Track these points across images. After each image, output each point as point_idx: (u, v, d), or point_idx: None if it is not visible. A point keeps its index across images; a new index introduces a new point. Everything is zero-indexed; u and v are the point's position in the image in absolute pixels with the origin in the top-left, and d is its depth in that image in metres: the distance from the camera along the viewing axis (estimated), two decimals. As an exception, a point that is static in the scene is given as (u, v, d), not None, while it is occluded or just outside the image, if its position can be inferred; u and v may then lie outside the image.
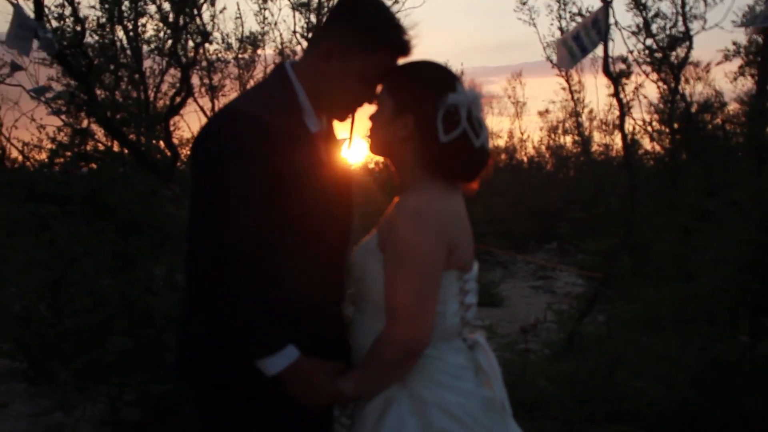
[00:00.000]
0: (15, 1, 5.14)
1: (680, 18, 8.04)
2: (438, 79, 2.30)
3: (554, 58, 13.67)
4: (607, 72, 5.28)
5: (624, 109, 5.75)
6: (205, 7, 7.14)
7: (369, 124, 2.40)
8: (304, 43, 8.34)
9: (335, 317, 2.46)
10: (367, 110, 2.42)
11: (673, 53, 7.91)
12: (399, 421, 2.24)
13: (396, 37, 2.30)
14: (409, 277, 2.18)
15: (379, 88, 2.35)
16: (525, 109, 24.67)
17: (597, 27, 4.64)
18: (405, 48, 2.32)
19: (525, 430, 2.53)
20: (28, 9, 5.15)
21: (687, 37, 8.06)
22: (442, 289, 2.26)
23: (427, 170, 2.29)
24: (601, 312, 6.16)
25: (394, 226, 2.23)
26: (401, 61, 2.34)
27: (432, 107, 2.24)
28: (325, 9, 8.19)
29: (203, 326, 2.30)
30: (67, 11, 6.07)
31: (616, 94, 5.41)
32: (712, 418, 3.71)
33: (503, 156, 23.61)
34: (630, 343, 4.24)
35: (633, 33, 8.45)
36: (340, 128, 2.61)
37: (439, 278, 2.23)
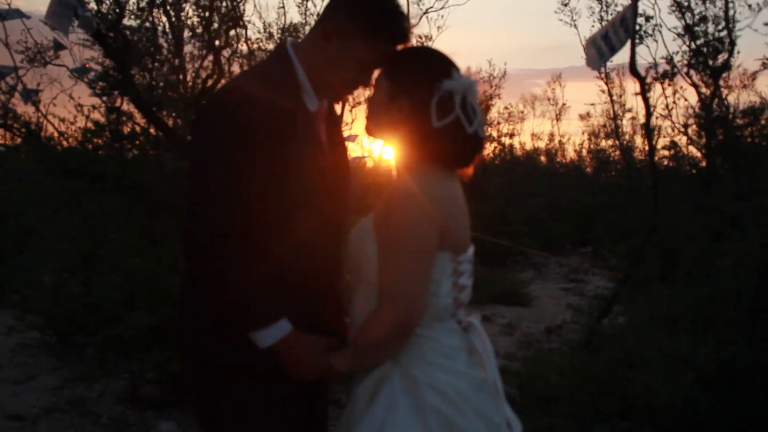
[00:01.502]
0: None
1: (723, 22, 7.94)
2: (434, 64, 2.34)
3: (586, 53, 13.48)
4: (633, 71, 5.24)
5: (650, 109, 5.69)
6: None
7: (366, 107, 2.45)
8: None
9: (331, 295, 2.48)
10: (363, 93, 2.46)
11: (713, 57, 7.79)
12: (391, 399, 2.27)
13: (395, 25, 2.33)
14: (400, 257, 2.21)
15: (378, 71, 2.39)
16: (567, 112, 24.44)
17: (625, 25, 4.61)
18: (404, 35, 2.35)
19: (536, 424, 2.54)
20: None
21: (730, 42, 7.95)
22: (435, 270, 2.29)
23: (422, 154, 2.32)
24: (623, 313, 6.12)
25: (388, 206, 2.26)
26: (400, 48, 2.37)
27: (426, 92, 2.28)
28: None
29: (199, 299, 2.34)
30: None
31: (642, 93, 5.36)
32: (721, 419, 3.67)
33: (543, 158, 23.48)
34: (644, 341, 4.21)
35: (678, 35, 8.35)
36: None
37: (430, 259, 2.26)
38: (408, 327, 2.24)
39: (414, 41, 2.42)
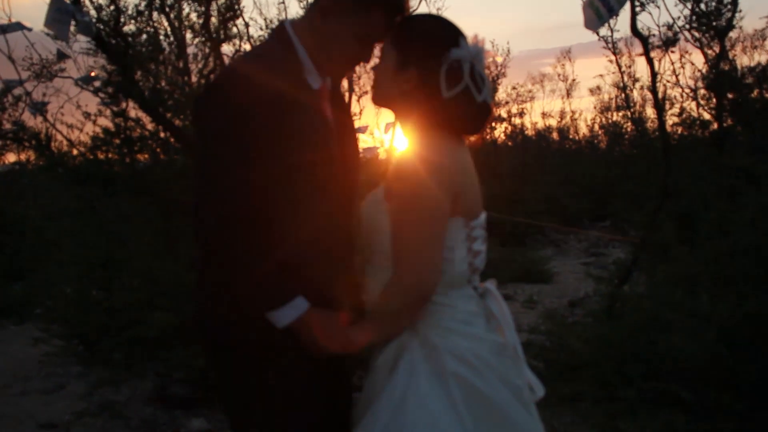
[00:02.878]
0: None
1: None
2: (442, 34, 2.32)
3: (601, 31, 13.35)
4: (634, 31, 5.20)
5: (654, 69, 5.64)
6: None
7: (373, 75, 2.44)
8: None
9: (346, 270, 2.48)
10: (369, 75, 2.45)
11: (716, 18, 7.72)
12: (411, 368, 2.27)
13: None
14: (413, 223, 2.21)
15: (384, 41, 2.38)
16: (577, 89, 24.29)
17: (623, -15, 4.58)
18: (400, 6, 2.33)
19: (563, 392, 2.53)
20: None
21: (732, 2, 7.88)
22: (449, 236, 2.29)
23: (430, 123, 2.31)
24: (643, 278, 6.08)
25: (398, 174, 2.26)
26: (399, 19, 2.35)
27: (435, 62, 2.27)
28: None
29: (213, 286, 2.35)
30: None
31: (645, 54, 5.31)
32: (746, 374, 3.65)
33: (555, 135, 23.34)
34: (665, 303, 4.19)
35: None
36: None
37: (443, 224, 2.26)
38: (424, 293, 2.24)
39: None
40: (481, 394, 2.25)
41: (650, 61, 5.50)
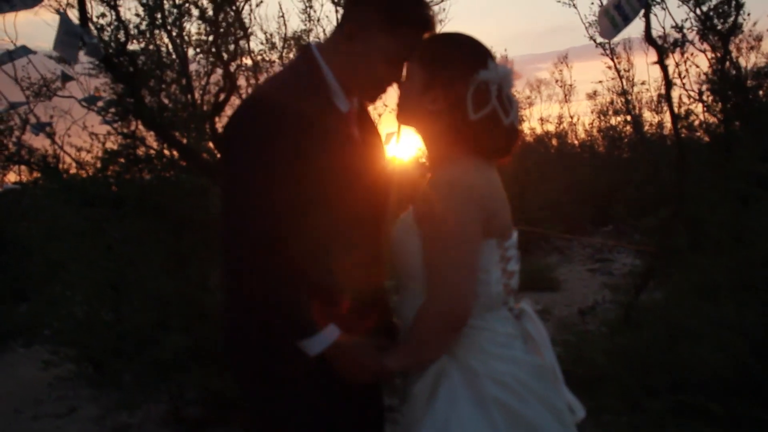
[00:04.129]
0: (61, 9, 5.27)
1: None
2: (470, 54, 2.28)
3: (598, 38, 13.39)
4: (649, 39, 5.18)
5: (669, 77, 5.62)
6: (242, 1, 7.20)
7: (398, 94, 2.40)
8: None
9: (376, 295, 2.45)
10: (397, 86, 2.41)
11: (723, 21, 7.70)
12: (451, 394, 2.23)
13: (417, 13, 2.28)
14: (447, 247, 2.17)
15: (410, 60, 2.34)
16: (574, 93, 24.30)
17: (638, -7, 4.55)
18: (427, 23, 2.30)
19: (586, 406, 2.50)
20: (73, 16, 5.28)
21: (737, 4, 7.86)
22: (483, 258, 2.25)
23: (458, 145, 2.28)
24: (658, 288, 6.05)
25: (429, 198, 2.22)
26: (426, 36, 2.32)
27: (463, 84, 2.23)
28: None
29: (244, 313, 2.32)
30: (109, 19, 6.18)
31: (660, 62, 5.30)
32: (775, 384, 3.62)
33: (554, 141, 23.34)
34: (687, 312, 4.15)
35: (683, 1, 8.25)
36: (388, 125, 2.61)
37: (477, 247, 2.22)
38: (460, 319, 2.20)
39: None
40: (522, 419, 2.21)
41: (665, 69, 5.47)
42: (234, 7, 6.43)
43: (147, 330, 5.46)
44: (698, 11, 7.76)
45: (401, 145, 6.69)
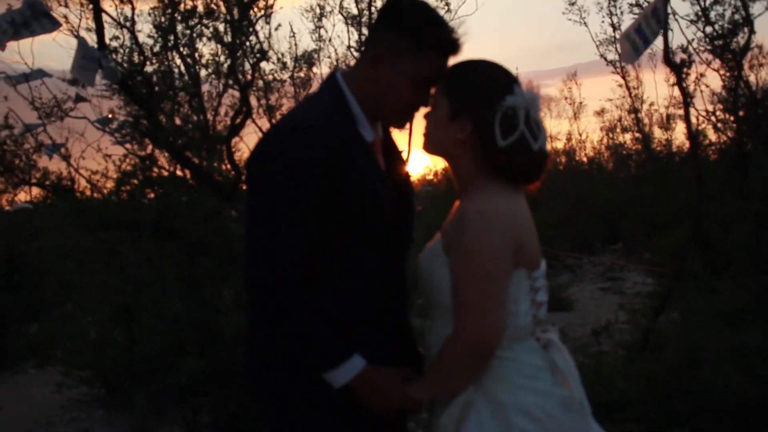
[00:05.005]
0: (78, 34, 5.30)
1: (740, 2, 7.83)
2: (496, 80, 2.27)
3: (608, 55, 13.42)
4: (668, 61, 5.17)
5: (687, 99, 5.59)
6: (260, 24, 7.23)
7: (424, 122, 2.38)
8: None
9: (400, 324, 2.44)
10: (423, 112, 2.40)
11: (735, 40, 7.68)
12: (478, 426, 2.20)
13: (442, 37, 2.27)
14: (476, 278, 2.15)
15: (435, 88, 2.33)
16: (582, 110, 24.30)
17: (656, 16, 4.55)
18: (453, 46, 2.29)
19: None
20: (91, 40, 5.30)
21: (748, 21, 7.85)
22: (512, 288, 2.23)
23: (486, 172, 2.26)
24: (675, 309, 6.00)
25: (459, 228, 2.19)
26: (452, 59, 2.31)
27: (490, 110, 2.21)
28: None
29: (268, 342, 2.30)
30: (127, 41, 6.23)
31: (678, 84, 5.29)
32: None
33: (563, 158, 23.33)
34: (709, 337, 4.10)
35: (691, 21, 8.25)
36: (398, 137, 2.60)
37: (506, 278, 2.20)
38: (488, 350, 2.18)
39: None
40: (550, 451, 2.18)
41: (683, 90, 5.46)
42: (252, 30, 6.44)
43: (161, 353, 5.44)
44: (707, 30, 7.74)
45: (411, 161, 6.68)
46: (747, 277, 4.89)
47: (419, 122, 2.41)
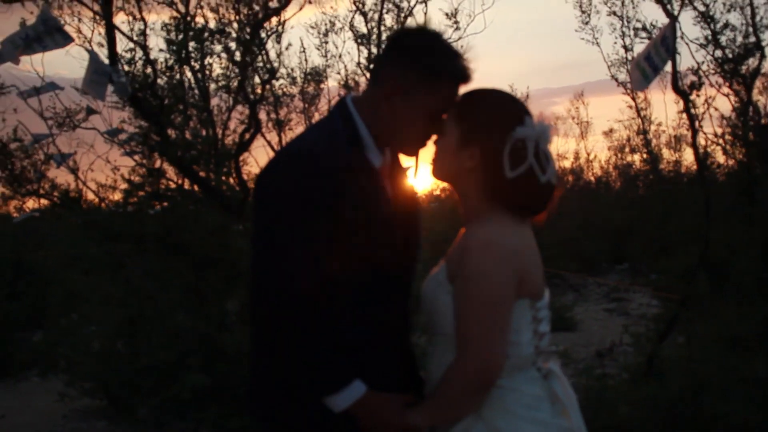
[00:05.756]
0: (90, 48, 5.34)
1: (751, 28, 7.85)
2: (506, 111, 2.27)
3: (619, 76, 13.45)
4: (676, 88, 5.18)
5: (695, 125, 5.59)
6: (270, 43, 7.29)
7: (433, 149, 2.38)
8: (368, 74, 8.41)
9: (403, 350, 2.43)
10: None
11: (744, 65, 7.69)
12: (477, 453, 2.20)
13: (456, 68, 2.27)
14: (479, 307, 2.15)
15: (447, 116, 2.33)
16: (590, 129, 24.33)
17: (666, 44, 4.56)
18: (464, 74, 2.28)
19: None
20: (102, 55, 5.33)
21: (758, 47, 7.87)
22: (515, 318, 2.22)
23: (493, 202, 2.26)
24: (680, 334, 5.98)
25: (464, 256, 2.19)
26: (464, 88, 2.31)
27: (499, 141, 2.21)
28: (385, 41, 8.25)
29: (270, 364, 2.30)
30: (138, 55, 6.26)
31: (686, 110, 5.29)
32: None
33: (570, 177, 23.34)
34: (714, 364, 4.08)
35: (701, 45, 8.27)
36: (405, 160, 2.60)
37: (510, 308, 2.20)
38: (488, 380, 2.17)
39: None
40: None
41: (691, 118, 5.47)
42: (262, 49, 6.48)
43: (164, 366, 5.44)
44: (717, 53, 7.76)
45: (419, 178, 6.68)
46: (753, 304, 4.86)
47: (429, 147, 2.41)
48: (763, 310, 4.23)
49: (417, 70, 2.24)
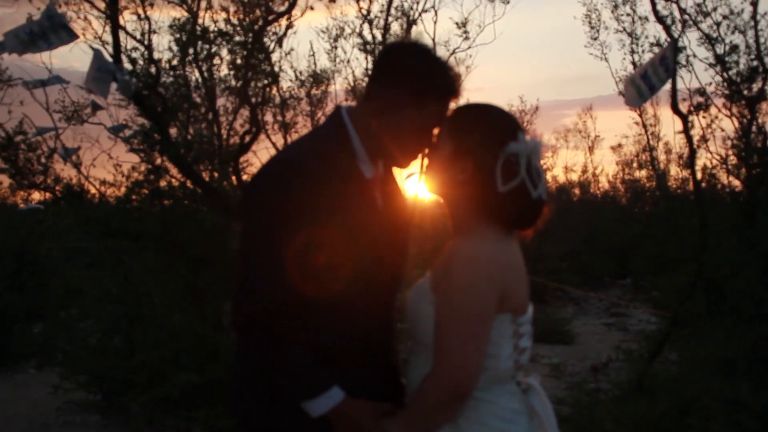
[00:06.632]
0: (95, 46, 5.38)
1: (755, 52, 7.86)
2: (500, 126, 2.29)
3: (625, 92, 13.44)
4: (675, 109, 5.19)
5: (693, 147, 5.61)
6: (273, 47, 7.30)
7: (426, 160, 2.41)
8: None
9: (384, 358, 2.45)
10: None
11: (747, 86, 7.69)
12: (451, 464, 2.22)
13: (443, 84, 2.29)
14: (458, 319, 2.17)
15: (441, 128, 2.36)
16: (598, 143, 24.29)
17: (665, 64, 4.57)
18: (452, 90, 2.31)
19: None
20: (106, 53, 5.36)
21: (763, 70, 7.87)
22: (495, 332, 2.24)
23: (483, 215, 2.28)
24: (675, 352, 5.99)
25: (447, 269, 2.22)
26: (453, 102, 2.34)
27: (492, 155, 2.23)
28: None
29: (251, 369, 2.34)
30: (141, 54, 6.30)
31: (685, 131, 5.30)
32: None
33: (577, 191, 23.31)
34: (701, 385, 4.09)
35: (710, 65, 8.27)
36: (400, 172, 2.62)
37: (488, 323, 2.21)
38: (463, 391, 2.19)
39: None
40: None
41: (689, 139, 5.48)
42: (263, 56, 6.51)
43: (158, 364, 5.47)
44: (725, 75, 7.76)
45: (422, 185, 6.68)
46: (748, 326, 4.87)
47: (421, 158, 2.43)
48: (755, 332, 4.23)
49: (405, 91, 2.26)
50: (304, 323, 2.18)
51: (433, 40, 9.21)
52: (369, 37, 8.58)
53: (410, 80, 2.26)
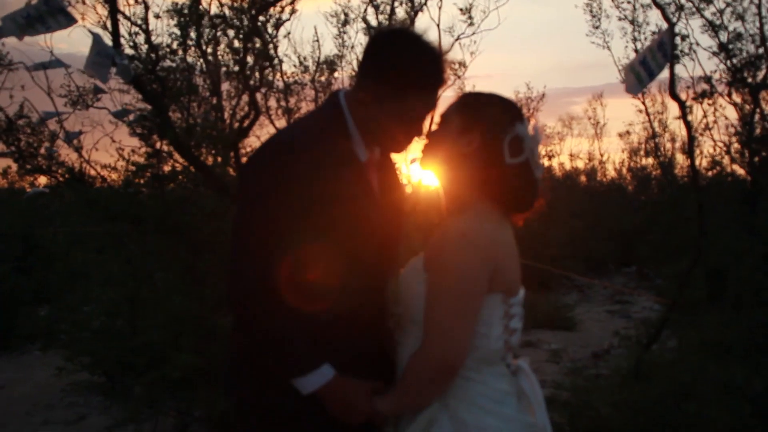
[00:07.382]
0: (94, 30, 5.38)
1: (758, 38, 7.83)
2: (508, 107, 2.35)
3: (625, 79, 13.38)
4: (673, 95, 5.18)
5: (692, 133, 5.60)
6: (271, 30, 7.29)
7: (427, 140, 2.42)
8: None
9: (377, 337, 2.47)
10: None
11: (751, 73, 7.66)
12: (440, 442, 2.24)
13: (424, 77, 2.29)
14: (447, 296, 2.20)
15: (446, 109, 2.38)
16: (606, 131, 24.26)
17: (663, 50, 4.57)
18: (437, 82, 2.32)
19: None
20: (106, 37, 5.38)
21: (766, 57, 7.83)
22: (486, 312, 2.27)
23: (481, 191, 2.31)
24: (673, 337, 6.00)
25: (439, 245, 2.24)
26: (441, 90, 2.35)
27: (501, 129, 2.28)
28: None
29: (243, 346, 2.37)
30: (141, 39, 6.31)
31: (683, 117, 5.29)
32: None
33: (583, 178, 23.26)
34: (696, 370, 4.11)
35: (714, 53, 8.24)
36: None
37: (479, 301, 2.24)
38: (451, 368, 2.22)
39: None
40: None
41: (688, 124, 5.47)
42: (262, 40, 6.50)
43: (159, 346, 5.51)
44: (729, 63, 7.73)
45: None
46: (747, 312, 4.87)
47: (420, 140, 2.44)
48: (754, 317, 4.24)
49: (385, 84, 2.27)
50: (297, 300, 2.20)
51: (438, 25, 9.18)
52: (374, 23, 8.56)
53: (390, 74, 2.26)
